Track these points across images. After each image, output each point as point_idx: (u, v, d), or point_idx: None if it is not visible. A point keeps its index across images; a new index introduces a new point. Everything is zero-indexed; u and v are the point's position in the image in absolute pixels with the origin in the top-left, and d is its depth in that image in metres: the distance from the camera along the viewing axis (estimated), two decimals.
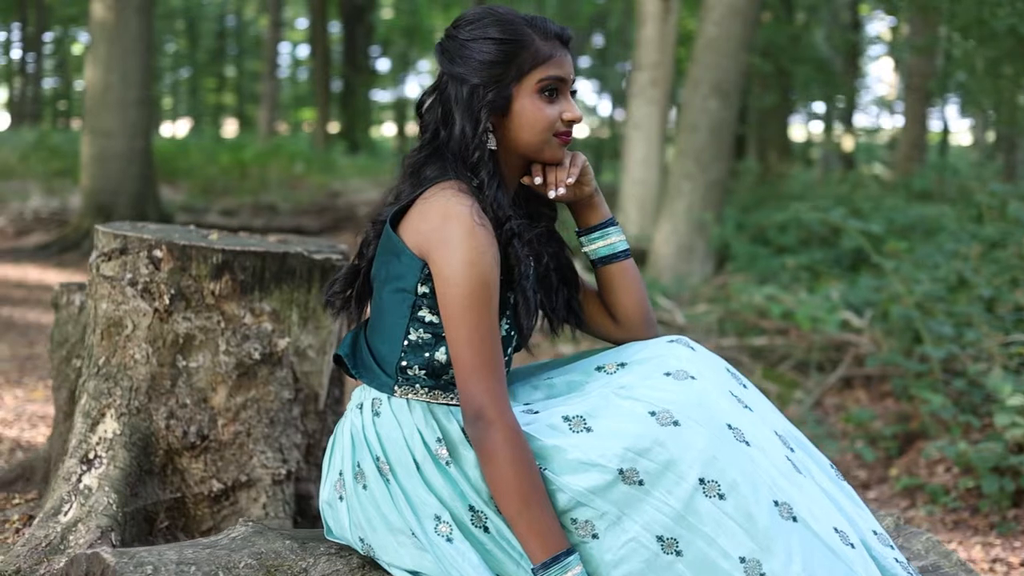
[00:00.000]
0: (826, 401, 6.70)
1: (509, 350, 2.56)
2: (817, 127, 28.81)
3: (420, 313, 2.43)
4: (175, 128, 40.60)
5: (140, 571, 2.28)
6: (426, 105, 2.54)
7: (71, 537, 3.03)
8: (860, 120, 29.16)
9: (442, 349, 2.42)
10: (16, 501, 3.67)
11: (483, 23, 2.46)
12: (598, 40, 34.58)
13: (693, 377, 2.42)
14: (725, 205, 10.19)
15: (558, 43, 2.48)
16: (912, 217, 9.44)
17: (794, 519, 2.31)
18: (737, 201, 12.43)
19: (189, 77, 41.58)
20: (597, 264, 2.69)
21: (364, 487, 2.46)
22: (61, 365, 3.62)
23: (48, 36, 34.72)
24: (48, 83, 37.88)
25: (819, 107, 26.24)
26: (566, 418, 2.40)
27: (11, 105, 36.75)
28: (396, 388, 2.47)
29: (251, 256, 3.23)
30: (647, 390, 2.39)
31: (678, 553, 2.29)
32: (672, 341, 2.55)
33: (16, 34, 36.04)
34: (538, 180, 2.55)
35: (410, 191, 2.46)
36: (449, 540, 2.35)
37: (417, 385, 2.46)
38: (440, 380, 2.44)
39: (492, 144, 2.46)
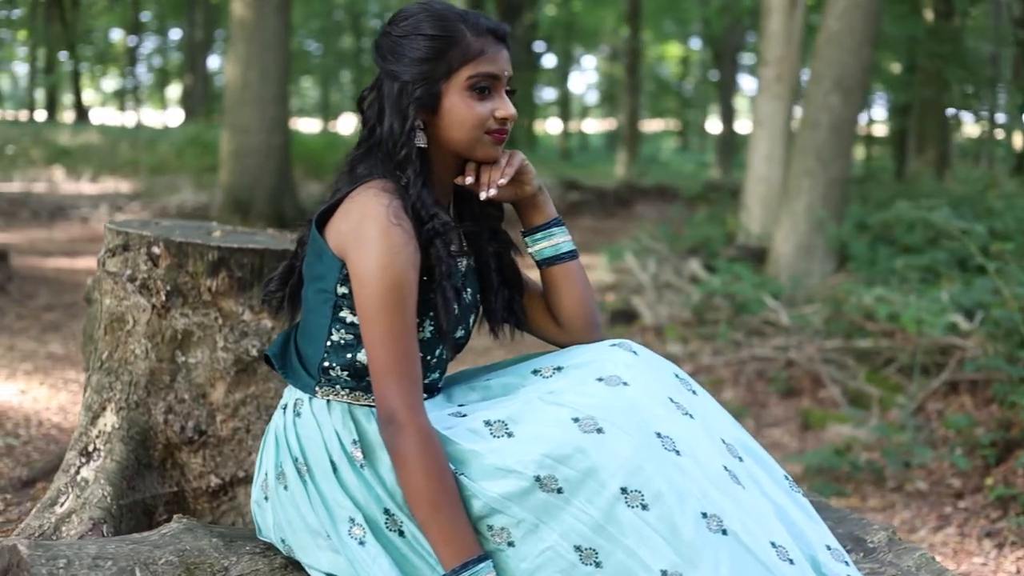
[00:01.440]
0: (929, 406, 6.49)
1: (438, 351, 2.51)
2: (980, 125, 27.96)
3: (341, 314, 2.40)
4: (338, 124, 41.21)
5: (52, 564, 2.29)
6: (366, 102, 2.51)
7: (64, 528, 3.08)
8: None
9: (364, 350, 2.39)
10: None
11: (416, 19, 2.42)
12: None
13: (626, 383, 2.35)
14: (851, 203, 9.96)
15: (491, 39, 2.42)
16: None
17: (724, 532, 2.22)
18: (875, 198, 12.13)
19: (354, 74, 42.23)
20: (541, 265, 2.63)
21: (285, 488, 2.45)
22: (92, 359, 3.68)
23: (219, 34, 35.58)
24: (219, 80, 38.89)
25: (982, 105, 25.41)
26: (487, 422, 2.35)
27: (184, 101, 37.84)
28: (318, 389, 2.45)
29: (248, 253, 3.24)
30: (574, 395, 2.33)
31: (597, 564, 2.22)
32: (614, 345, 2.47)
33: (185, 33, 37.17)
34: (469, 180, 2.50)
35: (343, 189, 2.44)
36: (361, 543, 2.32)
37: (338, 386, 2.44)
38: (362, 381, 2.41)
39: (421, 142, 2.42)
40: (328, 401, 2.44)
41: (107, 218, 13.96)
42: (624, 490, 2.22)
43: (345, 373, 2.42)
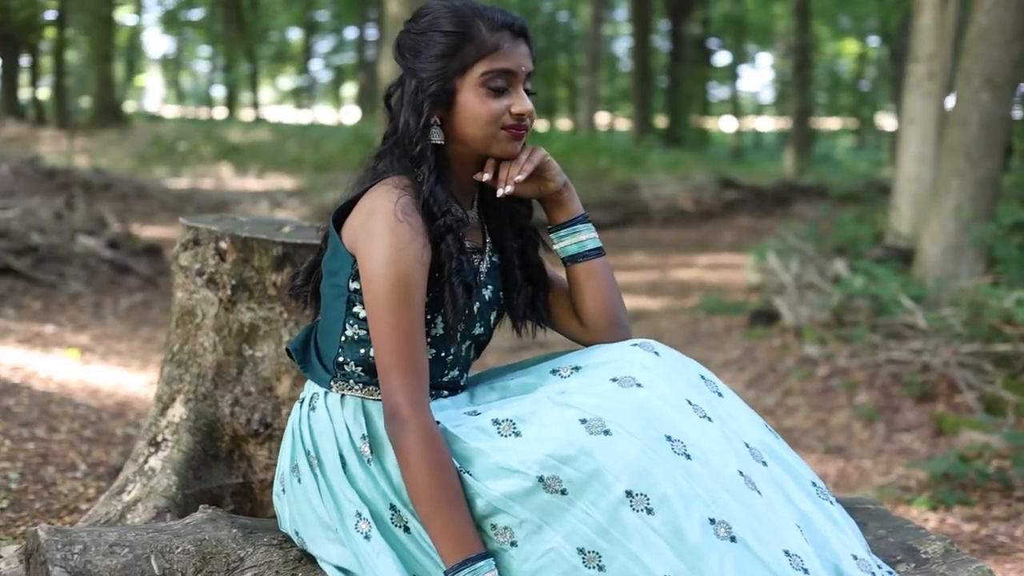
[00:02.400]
0: None
1: (454, 348, 2.51)
2: None
3: (355, 309, 2.41)
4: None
5: (67, 549, 2.35)
6: (393, 99, 2.52)
7: (129, 515, 3.16)
8: None
9: None
10: None
11: (434, 15, 2.42)
12: None
13: (640, 385, 2.31)
14: (1005, 202, 9.63)
15: (508, 34, 2.40)
16: None
17: (732, 539, 2.17)
18: None
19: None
20: (567, 262, 2.60)
21: (299, 480, 2.47)
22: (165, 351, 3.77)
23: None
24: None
25: None
26: (495, 421, 2.33)
27: (358, 99, 38.51)
28: (333, 383, 2.47)
29: (312, 249, 3.27)
30: (584, 396, 2.30)
31: (600, 568, 2.19)
32: (635, 345, 2.43)
33: (360, 32, 37.84)
34: (487, 176, 2.49)
35: (363, 185, 2.45)
36: (367, 538, 2.33)
37: (352, 381, 2.45)
38: (376, 376, 2.41)
39: (437, 138, 2.42)
40: (342, 396, 2.45)
41: (267, 214, 14.27)
42: (629, 493, 2.19)
43: (359, 368, 2.44)
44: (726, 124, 47.35)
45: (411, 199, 2.35)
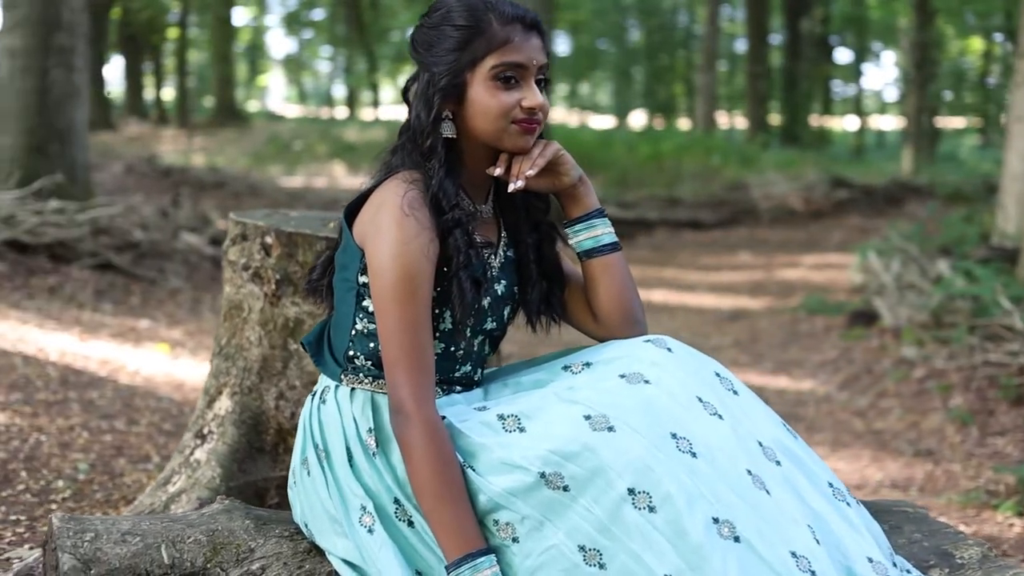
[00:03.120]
0: None
1: (463, 343, 2.50)
2: None
3: (364, 303, 2.42)
4: (630, 120, 41.26)
5: (79, 536, 2.39)
6: (410, 93, 2.52)
7: (173, 506, 3.21)
8: None
9: None
10: None
11: (446, 9, 2.41)
12: None
13: (648, 381, 2.28)
14: None
15: (519, 27, 2.38)
16: None
17: (736, 539, 2.13)
18: None
19: (649, 71, 42.20)
20: (582, 257, 2.58)
21: (308, 473, 2.49)
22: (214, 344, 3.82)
23: None
24: None
25: None
26: (501, 417, 2.32)
27: None
28: (344, 377, 2.48)
29: None
30: (591, 392, 2.28)
31: (601, 566, 2.16)
32: (648, 341, 2.40)
33: None
34: (499, 171, 2.47)
35: (377, 179, 2.46)
36: (370, 531, 2.33)
37: (362, 374, 2.46)
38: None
39: (449, 132, 2.41)
40: (352, 389, 2.46)
41: None
42: (632, 491, 2.15)
43: (369, 362, 2.44)
44: (849, 123, 46.67)
45: (419, 193, 2.35)
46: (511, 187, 2.44)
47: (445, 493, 2.22)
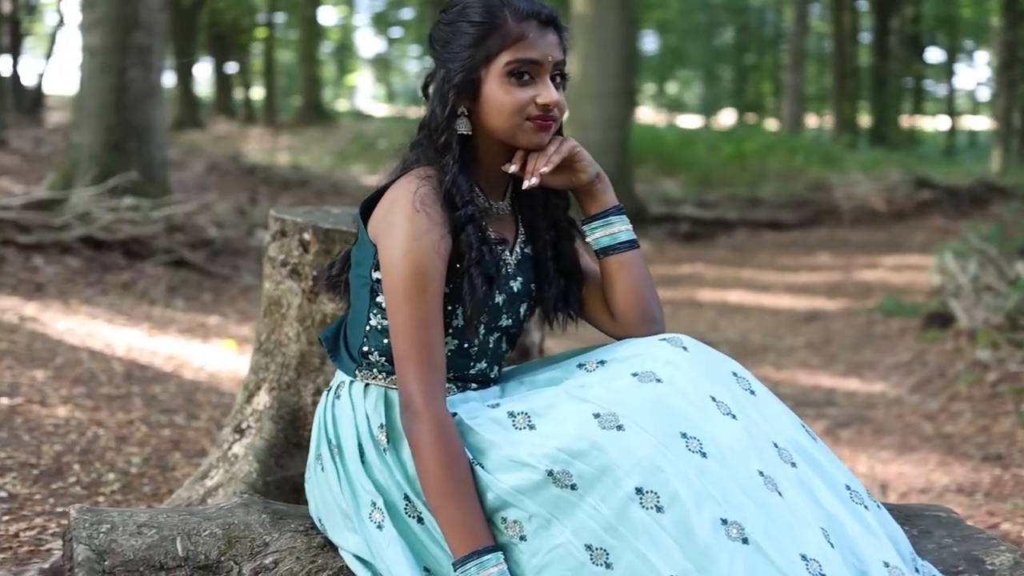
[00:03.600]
0: None
1: (477, 340, 2.49)
2: None
3: (378, 299, 2.42)
4: (719, 119, 40.99)
5: (95, 528, 2.41)
6: (428, 89, 2.52)
7: (210, 500, 3.23)
8: None
9: None
10: None
11: (462, 6, 2.42)
12: None
13: (659, 380, 2.25)
14: None
15: (534, 23, 2.37)
16: None
17: (744, 540, 2.10)
18: None
19: (737, 70, 41.92)
20: (599, 255, 2.56)
21: (322, 468, 2.50)
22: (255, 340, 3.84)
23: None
24: None
25: None
26: (511, 414, 2.31)
27: None
28: (358, 372, 2.48)
29: None
30: (601, 391, 2.26)
31: (607, 565, 2.14)
32: (663, 339, 2.38)
33: None
34: (514, 167, 2.46)
35: (393, 176, 2.46)
36: (380, 527, 2.33)
37: (376, 370, 2.46)
38: None
39: (464, 128, 2.41)
40: (366, 385, 2.47)
41: None
42: (639, 490, 2.13)
43: (383, 358, 2.44)
44: (941, 123, 46.03)
45: (432, 189, 2.35)
46: (526, 184, 2.43)
47: (452, 489, 2.22)
